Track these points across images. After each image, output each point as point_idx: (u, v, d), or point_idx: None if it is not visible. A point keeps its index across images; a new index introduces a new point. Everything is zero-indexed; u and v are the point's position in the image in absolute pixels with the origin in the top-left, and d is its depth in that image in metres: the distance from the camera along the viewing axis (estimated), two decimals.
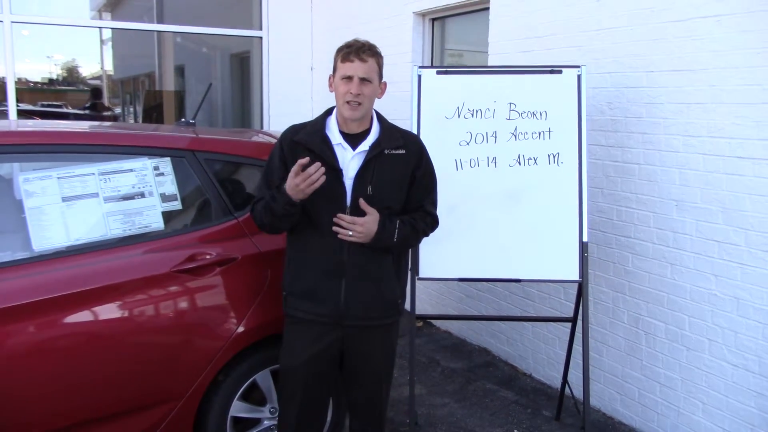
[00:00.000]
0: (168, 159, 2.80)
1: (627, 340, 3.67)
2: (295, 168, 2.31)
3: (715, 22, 3.10)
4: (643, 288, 3.55)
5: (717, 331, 3.20)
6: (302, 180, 2.29)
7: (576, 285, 3.40)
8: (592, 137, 3.67)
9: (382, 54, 2.50)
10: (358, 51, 2.40)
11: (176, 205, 2.78)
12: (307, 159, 2.32)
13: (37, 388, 2.42)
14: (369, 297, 2.52)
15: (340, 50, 2.45)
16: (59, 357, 2.46)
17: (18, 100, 5.95)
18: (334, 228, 2.42)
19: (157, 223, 2.72)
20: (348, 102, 2.40)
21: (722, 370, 3.19)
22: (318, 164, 2.31)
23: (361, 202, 2.42)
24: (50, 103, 7.07)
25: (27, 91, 6.54)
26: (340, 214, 2.42)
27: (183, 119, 3.92)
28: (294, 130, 2.53)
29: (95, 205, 2.63)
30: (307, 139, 2.46)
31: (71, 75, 7.28)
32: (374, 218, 2.42)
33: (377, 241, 2.44)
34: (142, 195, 2.72)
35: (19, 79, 6.13)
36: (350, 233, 2.41)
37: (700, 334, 3.28)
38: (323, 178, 2.32)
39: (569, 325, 3.58)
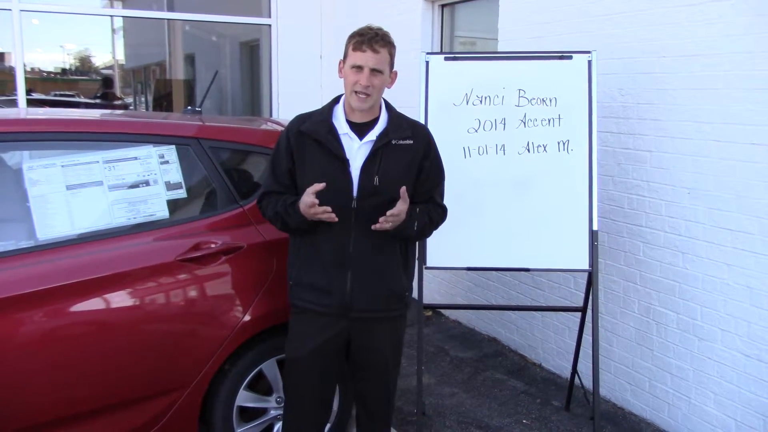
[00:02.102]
0: (173, 147, 2.79)
1: (638, 329, 3.63)
2: (310, 191, 2.31)
3: (729, 6, 3.02)
4: (654, 277, 3.51)
5: (729, 321, 3.15)
6: (314, 212, 2.32)
7: (586, 274, 3.36)
8: (602, 124, 3.61)
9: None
10: (370, 41, 2.34)
11: (181, 193, 2.76)
12: (322, 185, 2.31)
13: (44, 376, 2.43)
14: (375, 288, 2.50)
15: (352, 37, 2.40)
16: (63, 346, 2.46)
17: (31, 90, 5.95)
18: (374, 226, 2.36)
19: (162, 212, 2.71)
20: (356, 92, 2.37)
21: (735, 361, 3.14)
22: (328, 208, 2.31)
23: (402, 190, 2.34)
24: (63, 92, 7.10)
25: (39, 80, 6.56)
26: (386, 216, 2.33)
27: (189, 107, 3.91)
28: (300, 120, 2.50)
29: (100, 193, 2.62)
30: (314, 129, 2.43)
31: (83, 64, 7.30)
32: (406, 207, 2.38)
33: (401, 231, 2.41)
34: (147, 183, 2.71)
35: (32, 68, 6.14)
36: (388, 224, 2.36)
37: (712, 324, 3.23)
38: (334, 218, 2.33)
39: (579, 314, 3.55)
